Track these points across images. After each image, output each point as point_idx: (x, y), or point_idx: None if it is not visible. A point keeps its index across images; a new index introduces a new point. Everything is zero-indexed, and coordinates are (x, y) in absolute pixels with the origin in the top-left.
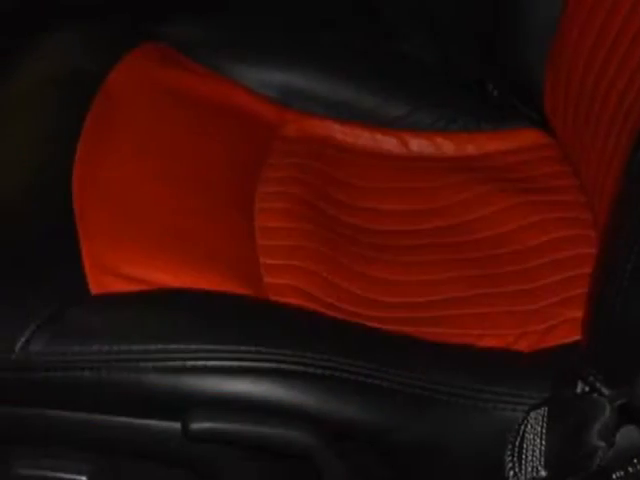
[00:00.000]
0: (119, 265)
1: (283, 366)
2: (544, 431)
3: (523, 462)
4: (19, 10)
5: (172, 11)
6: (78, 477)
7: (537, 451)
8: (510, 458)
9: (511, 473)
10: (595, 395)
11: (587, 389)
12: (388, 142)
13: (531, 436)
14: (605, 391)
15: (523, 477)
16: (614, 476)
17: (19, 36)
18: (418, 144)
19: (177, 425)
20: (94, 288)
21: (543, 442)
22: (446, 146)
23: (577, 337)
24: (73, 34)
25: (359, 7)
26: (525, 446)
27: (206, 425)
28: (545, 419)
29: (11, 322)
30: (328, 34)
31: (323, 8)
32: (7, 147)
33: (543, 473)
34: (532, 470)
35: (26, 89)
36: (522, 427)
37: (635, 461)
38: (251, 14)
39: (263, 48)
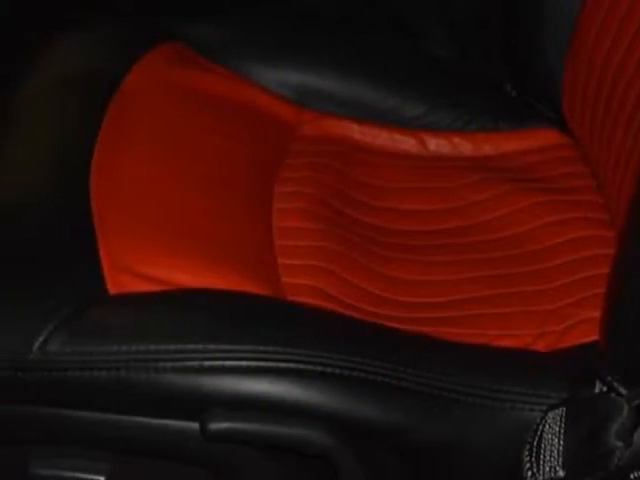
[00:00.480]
0: (137, 265)
1: (301, 366)
2: (562, 431)
3: (541, 462)
4: (37, 9)
5: (190, 11)
6: (96, 477)
7: (555, 451)
8: (528, 458)
9: (529, 473)
10: (613, 395)
11: (605, 389)
12: (406, 142)
13: (549, 436)
14: (623, 391)
15: (541, 477)
16: (632, 476)
17: (37, 36)
18: (436, 144)
19: (195, 425)
20: (112, 288)
21: (561, 442)
22: (464, 146)
23: (595, 337)
24: (91, 34)
25: (377, 6)
26: (543, 446)
27: (224, 425)
28: (563, 419)
29: (29, 322)
30: (346, 34)
31: (341, 8)
32: (25, 148)
33: (561, 473)
34: (550, 470)
35: (44, 89)
36: (540, 427)
37: None
38: (269, 14)
39: (281, 48)
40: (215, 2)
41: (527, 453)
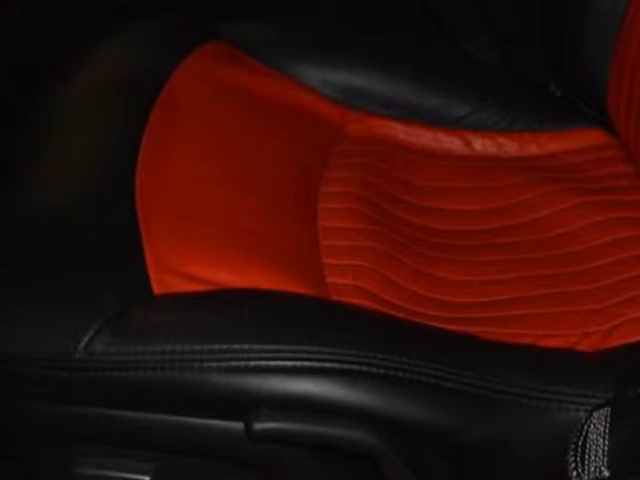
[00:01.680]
0: (182, 265)
1: (346, 366)
2: (607, 431)
3: (586, 462)
4: (84, 11)
5: (235, 11)
6: (141, 477)
7: (600, 451)
8: (573, 458)
9: (574, 473)
10: None
11: None
12: (451, 142)
13: (594, 436)
14: None
15: (586, 477)
16: None
17: (83, 36)
18: (481, 144)
19: (240, 425)
20: (157, 288)
21: (606, 442)
22: (509, 146)
23: None
24: (136, 34)
25: (421, 7)
26: (588, 446)
27: (269, 425)
28: (608, 419)
29: (74, 322)
30: (391, 34)
31: (386, 8)
32: (71, 149)
33: (606, 473)
34: (595, 470)
35: (90, 89)
36: (585, 427)
37: None
38: (313, 13)
39: (326, 48)
40: (260, 1)
41: (572, 453)
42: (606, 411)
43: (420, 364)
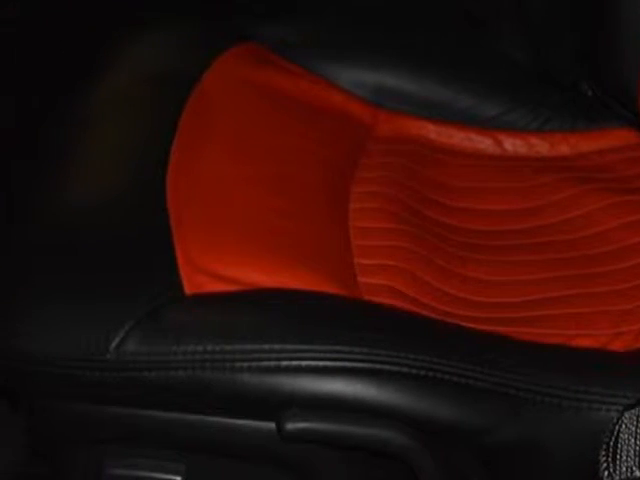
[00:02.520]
0: (213, 265)
1: (377, 366)
2: (639, 431)
3: (617, 462)
4: (116, 10)
5: (266, 12)
6: (173, 477)
7: (632, 451)
8: (604, 458)
9: (605, 473)
10: None
11: None
12: (482, 142)
13: (626, 436)
14: None
15: (618, 477)
16: None
17: (115, 36)
18: (512, 144)
19: (271, 425)
20: (188, 288)
21: (638, 442)
22: (540, 146)
23: None
24: (169, 34)
25: (453, 7)
26: (620, 446)
27: (301, 425)
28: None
29: (106, 322)
30: (422, 34)
31: (417, 7)
32: (103, 148)
33: (638, 473)
34: (627, 470)
35: (122, 88)
36: (617, 427)
37: None
38: (345, 14)
39: (357, 48)
40: (292, 2)
41: (604, 453)
42: (637, 411)
43: (451, 364)
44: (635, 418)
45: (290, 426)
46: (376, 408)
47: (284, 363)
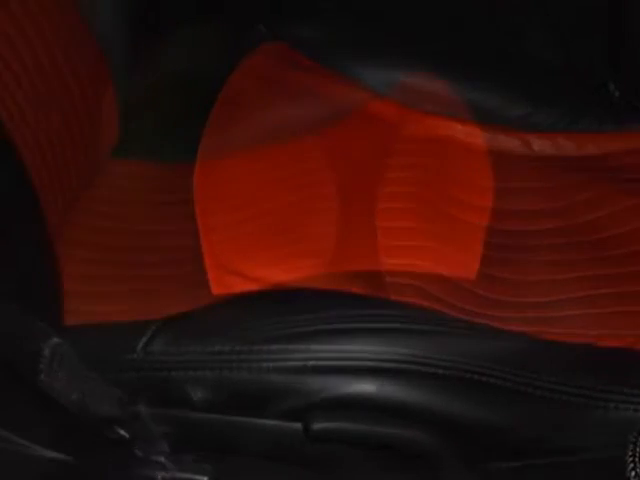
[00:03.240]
0: (239, 265)
1: (404, 366)
2: None
3: None
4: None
5: (295, 13)
6: (200, 477)
7: None
8: (631, 459)
9: (632, 474)
10: None
11: None
12: (510, 142)
13: None
14: None
15: None
16: None
17: (144, 37)
18: (540, 144)
19: (298, 425)
20: (215, 288)
21: None
22: (567, 146)
23: None
24: (196, 34)
25: (480, 7)
26: None
27: (328, 425)
28: None
29: (133, 322)
30: (449, 34)
31: (446, 8)
32: None
33: None
34: None
35: (151, 88)
36: None
37: None
38: (371, 14)
39: (384, 48)
40: (319, 3)
41: (630, 453)
42: None
43: (480, 364)
44: None
45: (317, 426)
46: (404, 408)
47: (311, 363)
